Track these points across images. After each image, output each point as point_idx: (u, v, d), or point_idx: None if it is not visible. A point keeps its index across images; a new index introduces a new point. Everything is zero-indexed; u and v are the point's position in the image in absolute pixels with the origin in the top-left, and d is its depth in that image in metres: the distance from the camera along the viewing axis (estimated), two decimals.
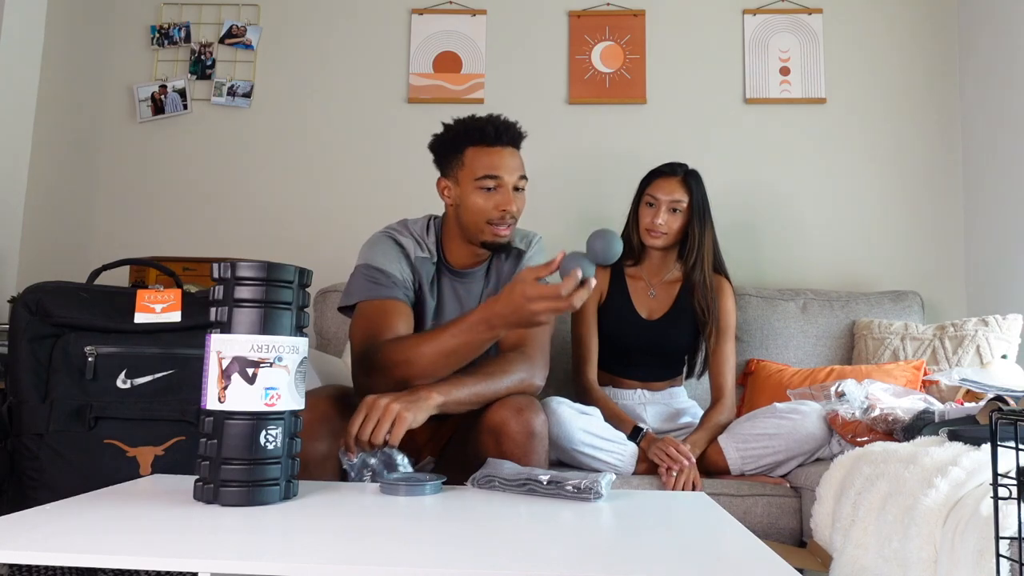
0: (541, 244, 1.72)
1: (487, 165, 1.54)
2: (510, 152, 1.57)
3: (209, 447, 1.02)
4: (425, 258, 1.62)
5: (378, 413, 1.26)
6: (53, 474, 1.43)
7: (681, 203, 1.99)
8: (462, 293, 1.66)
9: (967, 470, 1.23)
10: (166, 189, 2.74)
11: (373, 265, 1.56)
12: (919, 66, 2.71)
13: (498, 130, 1.56)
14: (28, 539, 0.82)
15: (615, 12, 2.75)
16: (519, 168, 1.58)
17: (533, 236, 1.72)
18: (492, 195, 1.55)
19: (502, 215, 1.55)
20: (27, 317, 1.49)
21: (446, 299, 1.66)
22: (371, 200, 2.70)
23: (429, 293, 1.62)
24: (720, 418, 1.94)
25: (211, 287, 1.07)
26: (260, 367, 1.03)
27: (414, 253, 1.61)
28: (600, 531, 0.96)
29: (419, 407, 1.30)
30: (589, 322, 2.04)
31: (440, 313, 1.65)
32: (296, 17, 2.80)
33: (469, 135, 1.57)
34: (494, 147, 1.55)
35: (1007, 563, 1.03)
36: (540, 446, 1.42)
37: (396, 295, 1.53)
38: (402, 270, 1.57)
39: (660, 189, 2.01)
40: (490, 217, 1.55)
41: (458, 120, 1.60)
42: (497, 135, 1.56)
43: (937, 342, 2.19)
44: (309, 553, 0.79)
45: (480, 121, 1.58)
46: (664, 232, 2.00)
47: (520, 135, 1.60)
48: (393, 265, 1.56)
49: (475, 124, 1.57)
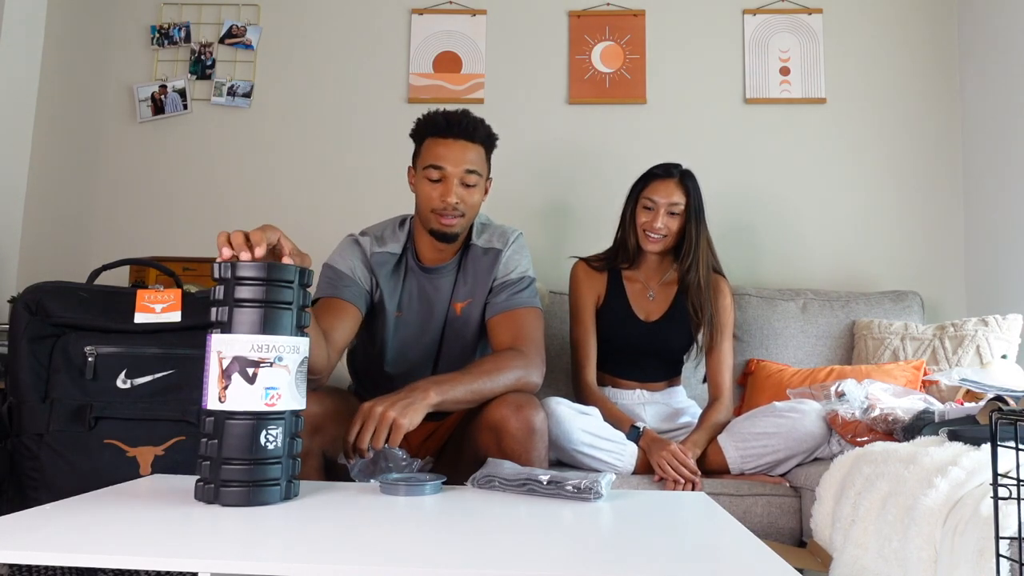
0: (521, 241, 1.72)
1: (434, 154, 1.60)
2: (461, 145, 1.59)
3: (210, 447, 1.02)
4: (382, 252, 1.65)
5: (374, 421, 1.27)
6: (53, 474, 1.43)
7: (679, 205, 1.98)
8: (428, 289, 1.68)
9: (967, 470, 1.23)
10: (166, 189, 2.74)
11: (329, 264, 1.63)
12: (919, 66, 2.71)
13: (450, 122, 1.60)
14: (28, 539, 0.82)
15: (615, 12, 2.75)
16: (469, 162, 1.59)
17: (511, 234, 1.72)
18: (437, 185, 1.60)
19: (444, 205, 1.58)
20: (27, 317, 1.49)
21: (411, 294, 1.67)
22: (371, 200, 2.70)
23: (390, 288, 1.65)
24: (718, 417, 1.94)
25: (212, 287, 1.07)
26: (260, 367, 1.03)
27: (370, 250, 1.64)
28: (600, 531, 0.96)
29: (415, 409, 1.30)
30: (587, 325, 2.04)
31: (402, 307, 1.67)
32: (296, 17, 2.80)
33: (427, 126, 1.63)
34: (445, 139, 1.60)
35: (1007, 563, 1.03)
36: (540, 443, 1.42)
37: (342, 294, 1.57)
38: (354, 268, 1.61)
39: (658, 192, 1.99)
40: (434, 206, 1.60)
41: (426, 112, 1.66)
42: (448, 126, 1.59)
43: (937, 342, 2.19)
44: (309, 553, 0.79)
45: (439, 114, 1.62)
46: (664, 235, 2.00)
47: (476, 130, 1.61)
48: (345, 264, 1.61)
49: (433, 116, 1.63)
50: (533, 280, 1.68)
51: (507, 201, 2.69)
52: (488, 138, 1.64)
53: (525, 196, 2.70)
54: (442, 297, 1.67)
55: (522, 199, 2.69)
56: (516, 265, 1.67)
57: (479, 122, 1.62)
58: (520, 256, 1.69)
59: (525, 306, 1.63)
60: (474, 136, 1.60)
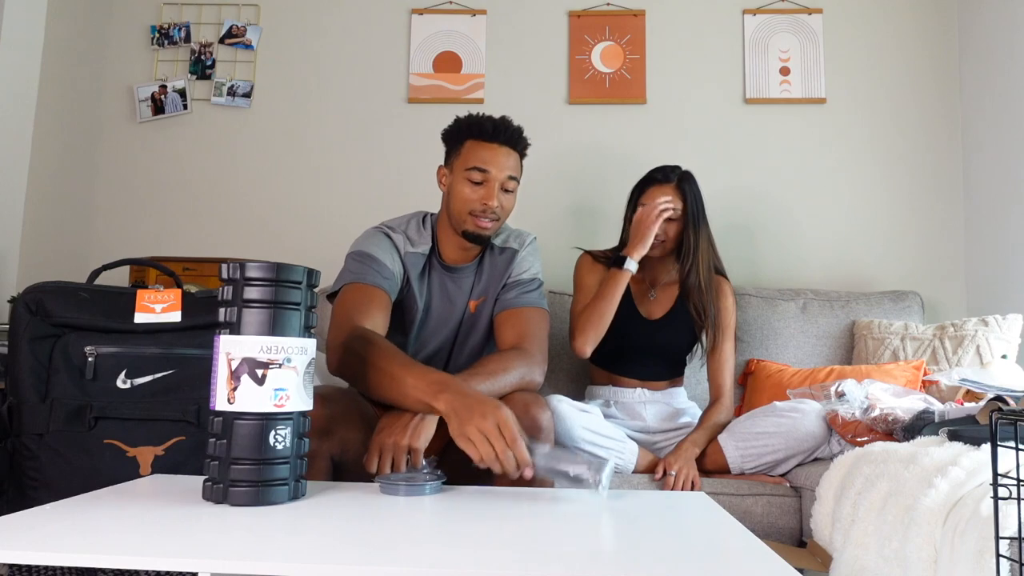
0: (535, 244, 1.77)
1: (478, 157, 1.62)
2: (505, 151, 1.63)
3: (218, 447, 1.03)
4: (415, 253, 1.66)
5: (390, 453, 1.29)
6: (53, 474, 1.43)
7: (676, 210, 1.98)
8: (451, 288, 1.70)
9: (967, 470, 1.23)
10: (166, 189, 2.74)
11: (365, 251, 1.60)
12: (919, 66, 2.71)
13: (496, 128, 1.63)
14: (28, 539, 0.82)
15: (615, 12, 2.75)
16: (511, 168, 1.63)
17: (527, 236, 1.77)
18: (478, 188, 1.61)
19: (484, 208, 1.60)
20: (27, 317, 1.49)
21: (435, 293, 1.69)
22: (371, 200, 2.71)
23: (418, 287, 1.66)
24: (719, 417, 1.94)
25: (219, 287, 1.07)
26: (269, 368, 1.03)
27: (404, 248, 1.65)
28: (600, 531, 0.96)
29: (424, 427, 1.32)
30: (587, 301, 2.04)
31: (429, 306, 1.68)
32: (296, 17, 2.80)
33: (471, 128, 1.65)
34: (490, 143, 1.62)
35: (1007, 563, 1.03)
36: (546, 441, 1.44)
37: (381, 283, 1.56)
38: (393, 262, 1.61)
39: (655, 198, 1.99)
40: (473, 208, 1.61)
41: (467, 115, 1.68)
42: (495, 132, 1.63)
43: (937, 342, 2.19)
44: (309, 554, 0.79)
45: (483, 118, 1.65)
46: (662, 241, 2.00)
47: (519, 138, 1.66)
48: (385, 256, 1.60)
49: (477, 119, 1.65)
50: (543, 283, 1.72)
51: None
52: (526, 148, 1.70)
53: (525, 196, 2.68)
54: (462, 296, 1.70)
55: (522, 199, 2.67)
56: (529, 266, 1.71)
57: (521, 130, 1.67)
58: (534, 258, 1.73)
59: (533, 305, 1.66)
60: (517, 144, 1.65)
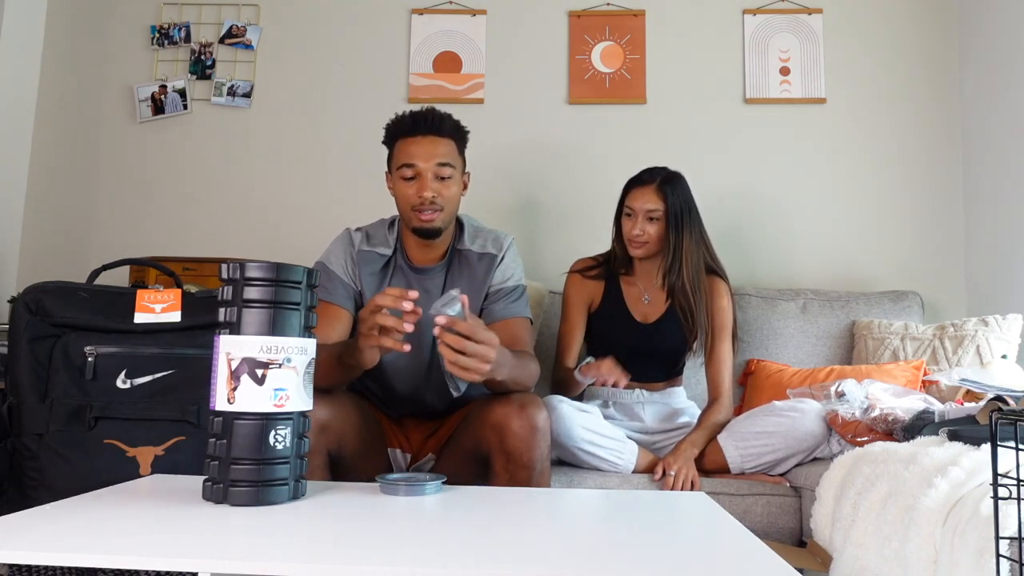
0: (514, 247, 1.74)
1: (405, 153, 1.61)
2: (429, 140, 1.61)
3: (218, 447, 1.03)
4: (369, 251, 1.67)
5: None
6: (53, 474, 1.43)
7: (656, 211, 1.98)
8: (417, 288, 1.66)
9: (967, 470, 1.23)
10: (166, 189, 2.74)
11: (326, 265, 1.65)
12: (919, 66, 2.71)
13: (416, 120, 1.62)
14: (28, 539, 0.82)
15: (615, 12, 2.75)
16: (440, 156, 1.60)
17: (504, 239, 1.73)
18: (412, 183, 1.61)
19: (421, 201, 1.59)
20: (27, 317, 1.49)
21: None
22: (371, 200, 2.70)
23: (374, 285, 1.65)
24: (717, 417, 1.94)
25: (219, 287, 1.07)
26: (269, 368, 1.03)
27: (358, 247, 1.67)
28: (600, 530, 0.96)
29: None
30: (572, 323, 2.08)
31: None
32: (296, 17, 2.80)
33: (396, 128, 1.65)
34: (413, 136, 1.61)
35: (1007, 563, 1.03)
36: (543, 442, 1.45)
37: (335, 299, 1.60)
38: (344, 265, 1.64)
39: (635, 199, 2.00)
40: (412, 203, 1.61)
41: (393, 116, 1.67)
42: (415, 125, 1.61)
43: (937, 342, 2.19)
44: (309, 553, 0.79)
45: (404, 115, 1.64)
46: (644, 242, 2.00)
47: (442, 124, 1.62)
48: (338, 264, 1.64)
49: (399, 118, 1.64)
50: (525, 288, 1.72)
51: (507, 201, 2.70)
52: (457, 131, 1.66)
53: (525, 196, 2.70)
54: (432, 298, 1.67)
55: (522, 199, 2.69)
56: (512, 273, 1.69)
57: (446, 116, 1.64)
58: (515, 264, 1.71)
59: (521, 316, 1.66)
60: (441, 130, 1.62)
